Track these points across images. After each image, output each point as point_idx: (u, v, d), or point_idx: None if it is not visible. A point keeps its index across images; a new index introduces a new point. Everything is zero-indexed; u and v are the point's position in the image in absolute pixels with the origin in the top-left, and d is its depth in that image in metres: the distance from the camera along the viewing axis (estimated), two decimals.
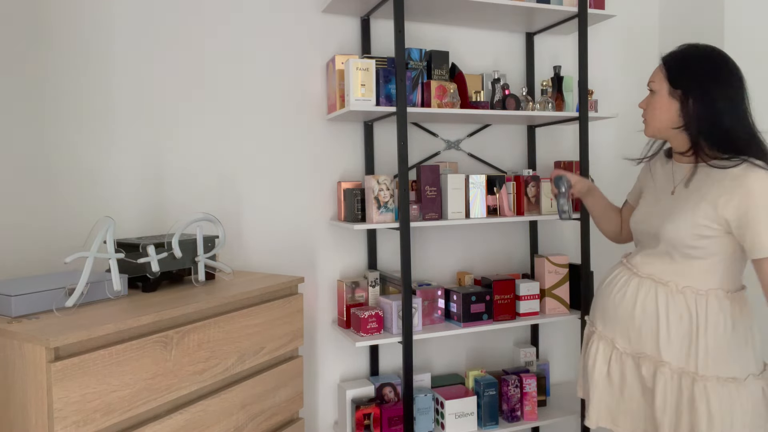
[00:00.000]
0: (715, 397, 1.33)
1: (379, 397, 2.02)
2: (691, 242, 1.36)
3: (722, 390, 1.33)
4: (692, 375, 1.35)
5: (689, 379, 1.36)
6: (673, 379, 1.38)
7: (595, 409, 1.53)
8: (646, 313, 1.43)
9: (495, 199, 2.05)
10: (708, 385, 1.34)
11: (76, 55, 1.75)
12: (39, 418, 1.09)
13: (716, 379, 1.33)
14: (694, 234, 1.35)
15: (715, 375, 1.34)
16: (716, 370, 1.34)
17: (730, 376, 1.34)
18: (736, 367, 1.35)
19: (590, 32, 2.46)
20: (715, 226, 1.33)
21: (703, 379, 1.34)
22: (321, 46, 2.08)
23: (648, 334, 1.42)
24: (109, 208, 1.80)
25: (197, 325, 1.35)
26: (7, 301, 1.22)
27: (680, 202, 1.41)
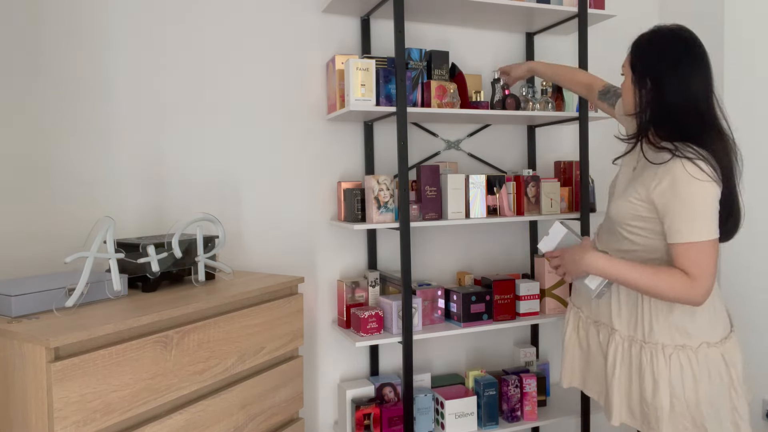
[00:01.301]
0: (660, 364, 1.37)
1: (379, 397, 2.02)
2: (629, 221, 1.42)
3: (669, 356, 1.38)
4: (640, 342, 1.42)
5: (637, 346, 1.43)
6: (623, 346, 1.46)
7: (568, 372, 1.65)
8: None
9: (495, 199, 2.05)
10: (654, 351, 1.39)
11: (76, 55, 1.75)
12: (39, 418, 1.09)
13: (662, 346, 1.39)
14: (630, 213, 1.41)
15: (661, 342, 1.39)
16: (662, 337, 1.39)
17: (679, 343, 1.38)
18: (684, 336, 1.39)
19: (590, 32, 2.46)
20: (647, 206, 1.37)
21: (649, 345, 1.40)
22: (321, 46, 2.08)
23: (603, 305, 1.53)
24: (109, 208, 1.80)
25: (197, 325, 1.35)
26: (7, 301, 1.22)
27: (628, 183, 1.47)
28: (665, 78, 1.34)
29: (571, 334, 1.66)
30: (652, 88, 1.36)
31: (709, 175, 1.28)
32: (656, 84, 1.35)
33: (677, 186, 1.29)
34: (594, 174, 2.49)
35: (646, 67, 1.37)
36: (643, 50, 1.40)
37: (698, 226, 1.29)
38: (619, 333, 1.48)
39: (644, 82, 1.37)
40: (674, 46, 1.35)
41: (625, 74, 1.45)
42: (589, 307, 1.60)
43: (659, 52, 1.36)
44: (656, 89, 1.35)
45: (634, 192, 1.40)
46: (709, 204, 1.29)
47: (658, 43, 1.37)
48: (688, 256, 1.30)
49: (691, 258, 1.30)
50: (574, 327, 1.66)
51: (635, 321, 1.45)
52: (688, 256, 1.30)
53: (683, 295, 1.31)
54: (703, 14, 2.36)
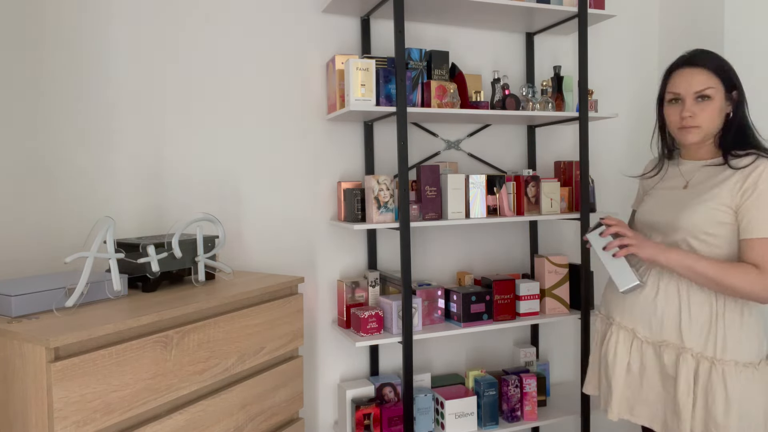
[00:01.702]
0: (732, 382, 1.37)
1: (379, 397, 2.02)
2: (708, 228, 1.42)
3: (740, 375, 1.37)
4: (710, 360, 1.40)
5: (707, 363, 1.40)
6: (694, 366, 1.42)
7: (617, 401, 1.55)
8: (668, 302, 1.47)
9: (495, 199, 2.05)
10: (726, 369, 1.38)
11: (75, 55, 1.75)
12: (39, 418, 1.09)
13: (734, 364, 1.38)
14: (711, 220, 1.42)
15: (733, 359, 1.38)
16: (733, 354, 1.39)
17: (748, 361, 1.39)
18: (752, 353, 1.40)
19: (590, 32, 2.46)
20: (730, 212, 1.40)
21: (721, 363, 1.39)
22: (321, 46, 2.08)
23: (670, 322, 1.47)
24: (109, 208, 1.80)
25: (197, 325, 1.35)
26: (7, 301, 1.22)
27: (695, 193, 1.48)
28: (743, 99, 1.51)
29: (623, 359, 1.54)
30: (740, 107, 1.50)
31: None
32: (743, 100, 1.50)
33: (762, 184, 1.36)
34: (594, 174, 2.49)
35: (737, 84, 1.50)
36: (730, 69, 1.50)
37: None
38: (690, 351, 1.42)
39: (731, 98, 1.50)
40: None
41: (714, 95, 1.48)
42: (648, 325, 1.50)
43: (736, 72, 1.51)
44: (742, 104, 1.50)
45: (715, 197, 1.43)
46: None
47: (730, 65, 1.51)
48: (763, 250, 1.35)
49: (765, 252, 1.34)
50: (626, 351, 1.54)
51: (706, 336, 1.42)
52: (764, 250, 1.34)
53: (756, 289, 1.34)
54: (703, 14, 2.36)
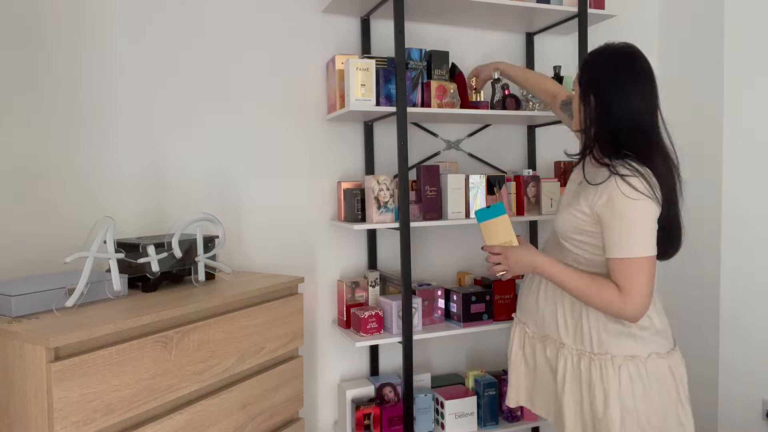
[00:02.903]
0: (610, 375, 1.34)
1: (379, 397, 2.02)
2: (573, 234, 1.41)
3: (619, 368, 1.35)
4: (589, 355, 1.39)
5: (587, 359, 1.39)
6: (572, 359, 1.42)
7: (514, 389, 1.60)
8: (548, 300, 1.49)
9: (495, 199, 2.05)
10: (603, 362, 1.36)
11: (76, 54, 1.75)
12: (39, 418, 1.09)
13: (611, 357, 1.36)
14: (573, 226, 1.39)
15: (611, 353, 1.36)
16: (611, 347, 1.36)
17: (628, 354, 1.35)
18: (634, 345, 1.36)
19: (590, 32, 2.46)
20: (589, 219, 1.36)
21: (599, 356, 1.37)
22: (321, 46, 2.08)
23: (549, 319, 1.49)
24: (109, 208, 1.80)
25: (197, 325, 1.35)
26: (7, 301, 1.22)
27: (569, 196, 1.47)
28: (608, 95, 1.34)
29: (517, 352, 1.60)
30: (597, 104, 1.36)
31: (643, 192, 1.27)
32: (600, 100, 1.35)
33: (613, 202, 1.29)
34: None
35: (591, 83, 1.38)
36: (589, 67, 1.41)
37: (633, 242, 1.28)
38: (567, 347, 1.44)
39: (588, 98, 1.38)
40: (617, 62, 1.36)
41: (575, 91, 1.44)
42: (534, 322, 1.55)
43: (603, 69, 1.37)
44: (600, 106, 1.35)
45: (578, 205, 1.38)
46: (644, 221, 1.28)
47: (602, 60, 1.38)
48: (621, 271, 1.30)
49: (624, 274, 1.29)
50: (519, 344, 1.60)
51: (581, 332, 1.41)
52: (622, 271, 1.30)
53: (614, 309, 1.31)
54: (703, 14, 2.36)
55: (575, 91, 1.45)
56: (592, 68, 1.40)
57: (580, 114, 1.42)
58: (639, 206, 1.28)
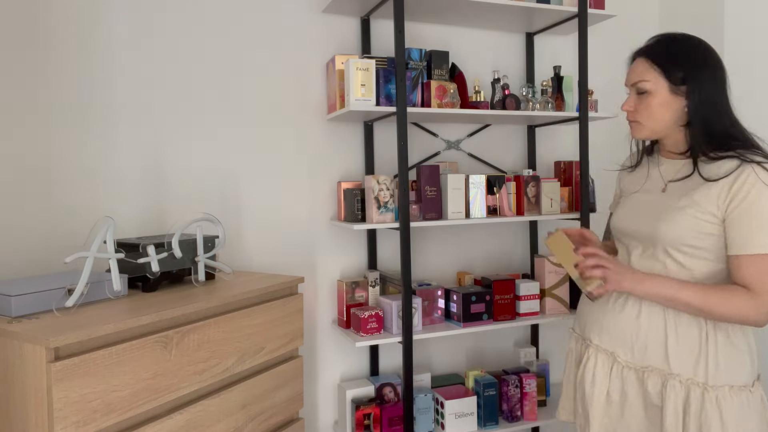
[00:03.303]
0: (728, 408, 1.23)
1: (379, 397, 2.02)
2: (691, 240, 1.26)
3: (735, 399, 1.24)
4: (702, 386, 1.25)
5: (699, 390, 1.25)
6: (684, 391, 1.27)
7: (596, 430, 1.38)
8: (652, 323, 1.31)
9: (495, 199, 2.05)
10: (719, 395, 1.24)
11: (76, 54, 1.75)
12: (39, 418, 1.09)
13: (729, 389, 1.24)
14: (693, 230, 1.26)
15: (727, 384, 1.24)
16: (727, 378, 1.25)
17: (741, 384, 1.25)
18: (745, 374, 1.26)
19: (590, 32, 2.46)
20: (713, 219, 1.25)
21: (714, 389, 1.24)
22: (321, 46, 2.08)
23: (654, 345, 1.31)
24: (109, 208, 1.80)
25: (197, 325, 1.35)
26: (7, 301, 1.22)
27: (675, 200, 1.31)
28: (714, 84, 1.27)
29: (602, 385, 1.37)
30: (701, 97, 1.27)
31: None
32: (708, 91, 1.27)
33: (750, 194, 1.19)
34: (594, 174, 2.49)
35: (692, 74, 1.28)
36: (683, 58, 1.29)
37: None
38: (679, 378, 1.27)
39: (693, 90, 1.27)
40: (711, 53, 1.30)
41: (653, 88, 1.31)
42: (630, 349, 1.34)
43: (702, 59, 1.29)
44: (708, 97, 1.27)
45: (696, 206, 1.25)
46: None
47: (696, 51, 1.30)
48: (754, 269, 1.18)
49: (757, 271, 1.18)
50: (605, 376, 1.38)
51: (696, 359, 1.26)
52: (755, 269, 1.18)
53: (747, 313, 1.18)
54: (703, 14, 2.36)
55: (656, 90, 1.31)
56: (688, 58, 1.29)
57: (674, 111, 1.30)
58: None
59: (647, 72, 1.32)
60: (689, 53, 1.30)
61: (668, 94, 1.30)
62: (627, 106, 1.37)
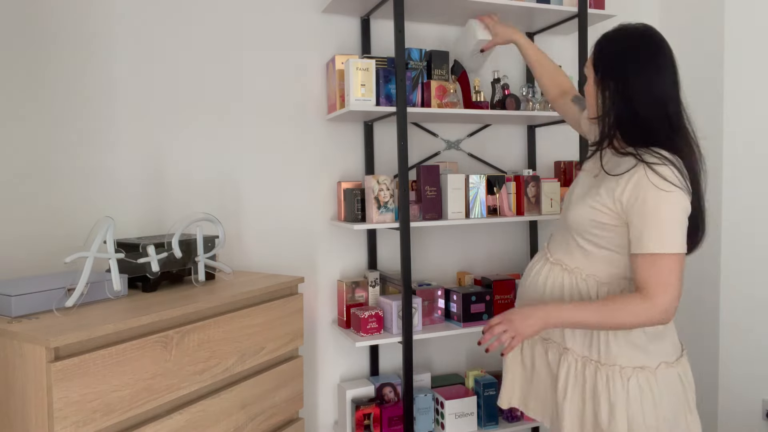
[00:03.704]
0: (617, 387, 1.26)
1: (379, 397, 2.02)
2: (590, 229, 1.30)
3: (630, 380, 1.26)
4: (595, 363, 1.30)
5: (592, 367, 1.30)
6: (576, 366, 1.33)
7: (508, 390, 1.50)
8: (554, 300, 1.38)
9: (495, 199, 2.05)
10: (610, 373, 1.27)
11: (77, 54, 1.75)
12: (39, 418, 1.09)
13: (620, 368, 1.27)
14: (591, 220, 1.29)
15: (618, 364, 1.27)
16: (620, 359, 1.28)
17: (638, 365, 1.27)
18: (643, 356, 1.28)
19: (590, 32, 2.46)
20: (609, 212, 1.26)
21: (605, 367, 1.28)
22: (321, 46, 2.08)
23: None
24: (109, 208, 1.80)
25: (197, 325, 1.35)
26: (7, 301, 1.22)
27: (585, 188, 1.35)
28: (631, 78, 1.24)
29: (515, 352, 1.50)
30: (617, 89, 1.26)
31: (675, 183, 1.19)
32: (621, 85, 1.25)
33: (642, 194, 1.20)
34: None
35: (610, 66, 1.28)
36: (607, 49, 1.30)
37: (663, 237, 1.19)
38: (572, 352, 1.34)
39: (608, 83, 1.28)
40: (640, 44, 1.27)
41: (588, 76, 1.35)
42: None
43: (624, 51, 1.27)
44: (621, 90, 1.25)
45: (597, 197, 1.28)
46: (676, 215, 1.19)
47: (623, 42, 1.29)
48: (650, 268, 1.20)
49: (653, 271, 1.19)
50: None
51: (590, 339, 1.32)
52: (651, 269, 1.20)
53: (644, 318, 1.20)
54: (703, 14, 2.36)
55: (588, 76, 1.35)
56: (609, 50, 1.30)
57: (597, 100, 1.31)
58: (671, 199, 1.18)
59: (588, 60, 1.36)
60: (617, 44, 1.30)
61: (593, 81, 1.33)
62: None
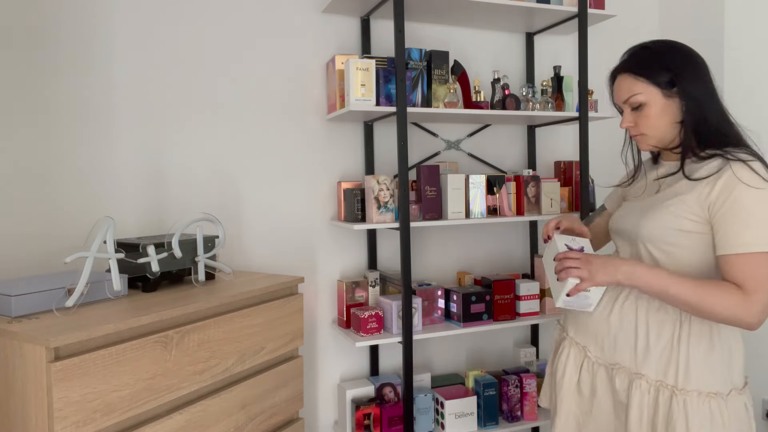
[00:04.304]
0: (694, 414, 1.21)
1: (379, 397, 2.02)
2: (670, 238, 1.25)
3: (703, 406, 1.22)
4: (671, 389, 1.24)
5: (667, 393, 1.24)
6: (650, 393, 1.26)
7: (563, 422, 1.41)
8: (623, 321, 1.31)
9: (495, 199, 2.05)
10: (687, 399, 1.22)
11: (77, 54, 1.75)
12: (39, 418, 1.09)
13: (697, 394, 1.22)
14: (672, 228, 1.24)
15: (696, 389, 1.22)
16: (698, 384, 1.23)
17: (713, 390, 1.23)
18: (719, 382, 1.23)
19: (590, 32, 2.46)
20: (696, 218, 1.23)
21: (683, 393, 1.23)
22: (321, 46, 2.08)
23: (624, 344, 1.31)
24: (109, 208, 1.80)
25: (197, 325, 1.35)
26: (7, 301, 1.22)
27: (662, 198, 1.31)
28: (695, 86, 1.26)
29: (572, 377, 1.40)
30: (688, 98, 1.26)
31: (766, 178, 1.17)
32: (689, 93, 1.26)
33: (734, 191, 1.17)
34: (594, 174, 2.49)
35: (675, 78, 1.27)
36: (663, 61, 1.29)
37: (759, 234, 1.14)
38: (645, 378, 1.26)
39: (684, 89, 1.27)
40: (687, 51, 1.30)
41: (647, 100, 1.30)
42: (601, 345, 1.35)
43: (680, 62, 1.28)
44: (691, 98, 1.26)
45: (679, 203, 1.24)
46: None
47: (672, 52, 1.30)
48: (744, 268, 1.15)
49: (748, 270, 1.15)
50: (575, 369, 1.40)
51: (667, 362, 1.25)
52: (745, 268, 1.15)
53: (738, 313, 1.14)
54: (703, 14, 2.36)
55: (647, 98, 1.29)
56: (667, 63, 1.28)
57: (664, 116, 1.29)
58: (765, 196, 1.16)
59: (635, 85, 1.30)
60: (666, 55, 1.29)
61: (663, 99, 1.29)
62: (626, 123, 1.35)
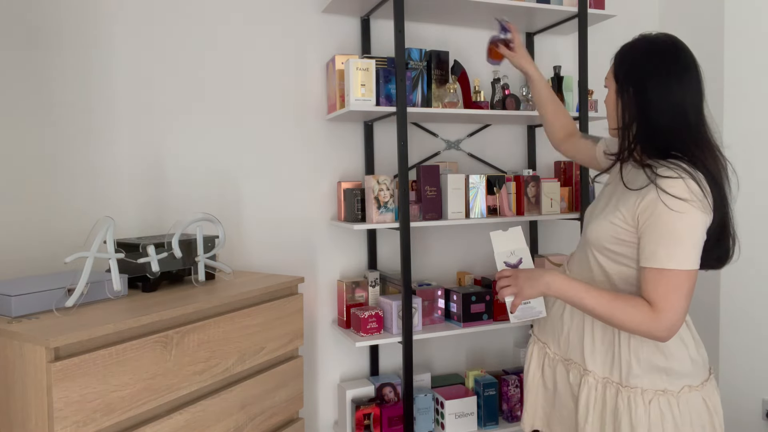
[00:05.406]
0: (639, 411, 1.23)
1: (379, 397, 2.02)
2: (609, 245, 1.27)
3: (651, 403, 1.23)
4: (616, 385, 1.26)
5: (613, 389, 1.27)
6: (597, 388, 1.29)
7: (530, 413, 1.46)
8: (574, 320, 1.36)
9: (495, 199, 2.05)
10: (632, 396, 1.24)
11: (77, 54, 1.75)
12: (39, 418, 1.09)
13: (641, 391, 1.24)
14: (611, 236, 1.26)
15: (641, 387, 1.24)
16: (641, 381, 1.24)
17: (659, 388, 1.24)
18: (665, 379, 1.24)
19: (590, 32, 2.46)
20: (629, 228, 1.23)
21: (627, 390, 1.25)
22: (321, 46, 2.08)
23: (575, 341, 1.35)
24: (108, 207, 1.80)
25: (197, 325, 1.35)
26: (7, 301, 1.22)
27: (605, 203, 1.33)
28: (648, 85, 1.22)
29: (535, 373, 1.46)
30: (636, 99, 1.23)
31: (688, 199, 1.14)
32: (640, 95, 1.23)
33: (657, 206, 1.16)
34: (594, 174, 2.49)
35: (629, 75, 1.26)
36: (627, 59, 1.28)
37: (673, 252, 1.15)
38: (593, 374, 1.30)
39: (627, 92, 1.25)
40: (660, 54, 1.24)
41: (609, 86, 1.32)
42: (557, 342, 1.40)
43: (644, 61, 1.25)
44: (640, 100, 1.23)
45: (617, 212, 1.24)
46: (690, 232, 1.15)
47: (643, 52, 1.26)
48: (657, 283, 1.16)
49: (660, 286, 1.16)
50: (538, 364, 1.46)
51: (612, 360, 1.28)
52: (658, 284, 1.16)
53: (644, 328, 1.17)
54: (703, 14, 2.36)
55: (609, 87, 1.32)
56: (629, 59, 1.27)
57: (617, 111, 1.28)
58: (683, 218, 1.14)
59: (609, 70, 1.33)
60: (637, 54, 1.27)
61: (615, 93, 1.29)
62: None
